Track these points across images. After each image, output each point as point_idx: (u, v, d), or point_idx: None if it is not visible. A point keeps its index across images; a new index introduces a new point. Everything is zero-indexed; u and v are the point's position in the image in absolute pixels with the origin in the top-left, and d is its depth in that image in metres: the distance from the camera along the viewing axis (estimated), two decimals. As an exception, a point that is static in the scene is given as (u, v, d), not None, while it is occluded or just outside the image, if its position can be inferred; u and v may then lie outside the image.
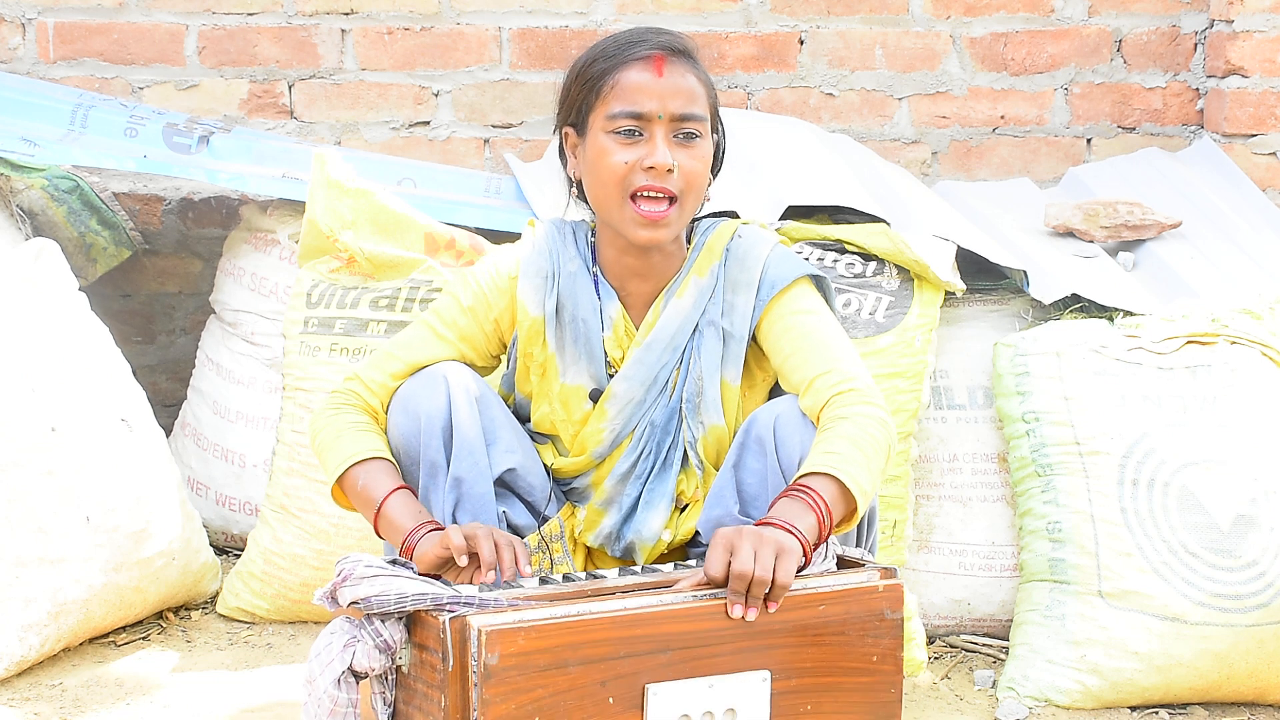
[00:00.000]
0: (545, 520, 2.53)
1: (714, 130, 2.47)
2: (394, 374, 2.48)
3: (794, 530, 2.16)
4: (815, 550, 2.24)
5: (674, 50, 2.40)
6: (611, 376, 2.50)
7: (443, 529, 2.31)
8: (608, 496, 2.54)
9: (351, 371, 2.52)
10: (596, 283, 2.51)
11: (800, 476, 2.24)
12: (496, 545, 2.25)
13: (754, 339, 2.49)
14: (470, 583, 2.22)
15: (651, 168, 2.36)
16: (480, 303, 2.52)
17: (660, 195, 2.37)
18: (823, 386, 2.34)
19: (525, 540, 2.44)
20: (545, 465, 2.54)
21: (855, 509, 2.24)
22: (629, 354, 2.49)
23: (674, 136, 2.38)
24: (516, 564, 2.25)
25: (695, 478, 2.50)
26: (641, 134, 2.37)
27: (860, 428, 2.28)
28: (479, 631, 2.00)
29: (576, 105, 2.43)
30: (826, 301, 2.50)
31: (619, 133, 2.37)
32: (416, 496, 2.40)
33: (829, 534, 2.23)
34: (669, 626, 2.09)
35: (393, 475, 2.40)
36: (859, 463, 2.24)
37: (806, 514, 2.19)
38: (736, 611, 2.12)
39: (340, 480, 2.41)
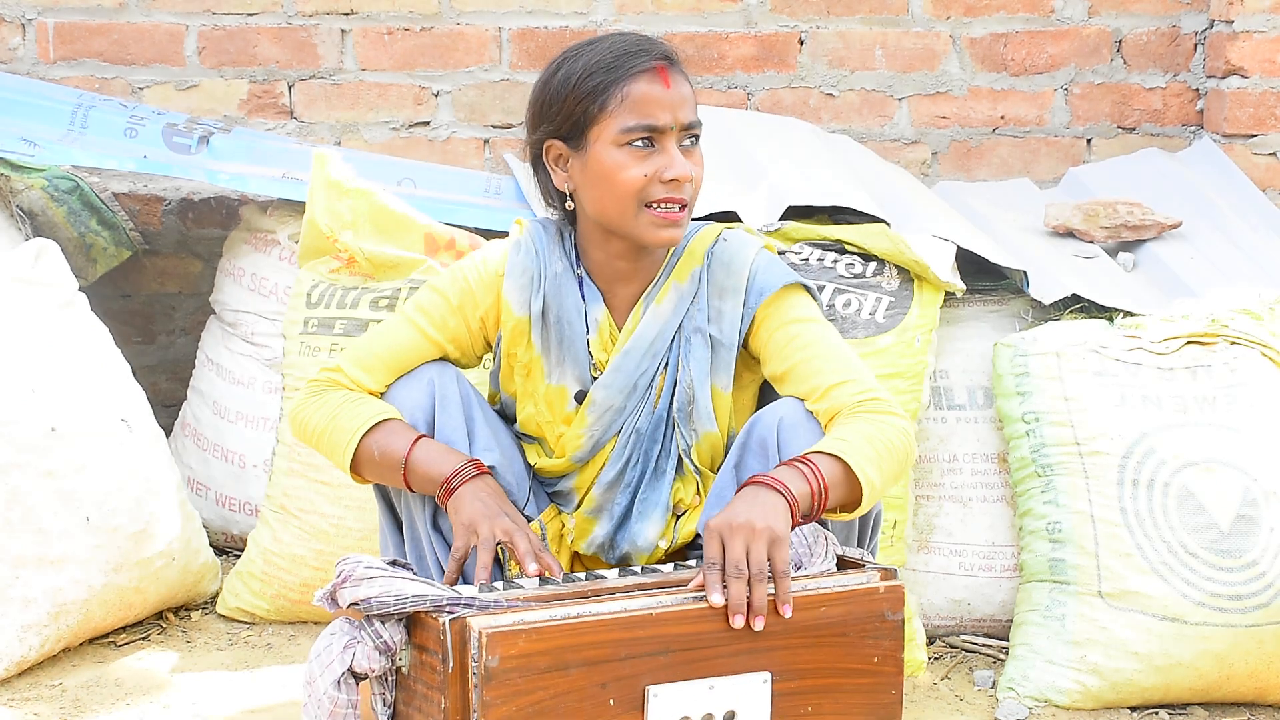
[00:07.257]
0: (527, 521, 2.53)
1: None
2: (383, 382, 2.49)
3: (782, 489, 2.16)
4: (808, 521, 2.22)
5: (671, 59, 2.41)
6: (597, 379, 2.50)
7: (484, 471, 2.39)
8: (596, 505, 2.53)
9: (333, 363, 2.53)
10: (581, 284, 2.51)
11: (804, 454, 2.24)
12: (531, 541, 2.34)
13: (745, 345, 2.49)
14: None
15: (674, 179, 2.36)
16: (468, 300, 2.52)
17: (675, 204, 2.38)
18: (843, 395, 2.34)
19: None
20: (529, 464, 2.55)
21: (859, 497, 2.24)
22: (610, 360, 2.49)
23: (681, 144, 2.39)
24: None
25: (694, 484, 2.50)
26: (653, 145, 2.38)
27: (878, 428, 2.28)
28: (479, 633, 2.00)
29: (571, 118, 2.41)
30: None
31: (633, 145, 2.37)
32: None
33: (822, 510, 2.21)
34: (669, 628, 2.09)
35: (407, 429, 2.42)
36: (868, 456, 2.24)
37: (800, 480, 2.19)
38: (738, 622, 2.10)
39: (355, 455, 2.42)
